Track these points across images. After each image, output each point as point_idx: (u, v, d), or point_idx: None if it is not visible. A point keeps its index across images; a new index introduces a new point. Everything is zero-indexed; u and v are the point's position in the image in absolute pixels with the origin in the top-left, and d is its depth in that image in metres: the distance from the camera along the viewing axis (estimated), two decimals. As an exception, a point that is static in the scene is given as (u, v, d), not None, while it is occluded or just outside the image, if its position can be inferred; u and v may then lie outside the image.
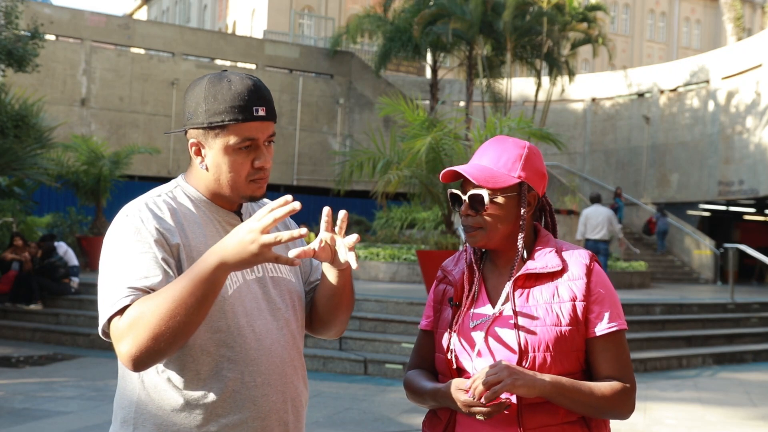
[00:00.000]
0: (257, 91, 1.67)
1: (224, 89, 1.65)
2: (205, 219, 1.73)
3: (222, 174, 1.70)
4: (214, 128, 1.66)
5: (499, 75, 23.89)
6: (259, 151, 1.69)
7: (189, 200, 1.74)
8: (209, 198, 1.75)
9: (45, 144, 13.66)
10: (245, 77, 1.68)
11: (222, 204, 1.76)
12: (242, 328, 1.69)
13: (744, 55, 22.33)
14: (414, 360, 2.02)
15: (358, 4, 37.17)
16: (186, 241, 1.66)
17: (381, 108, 12.63)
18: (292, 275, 1.86)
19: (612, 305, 1.82)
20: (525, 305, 1.80)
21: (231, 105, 1.64)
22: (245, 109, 1.64)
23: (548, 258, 1.84)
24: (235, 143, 1.66)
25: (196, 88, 1.69)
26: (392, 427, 6.33)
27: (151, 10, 52.57)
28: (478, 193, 1.82)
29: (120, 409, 1.72)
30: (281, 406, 1.74)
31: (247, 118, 1.65)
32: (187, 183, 1.77)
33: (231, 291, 1.68)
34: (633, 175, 25.58)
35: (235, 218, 1.77)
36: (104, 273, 1.62)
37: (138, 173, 21.52)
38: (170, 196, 1.74)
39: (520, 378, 1.69)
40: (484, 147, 1.91)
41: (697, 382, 8.90)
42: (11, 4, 12.99)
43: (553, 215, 1.99)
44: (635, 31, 50.09)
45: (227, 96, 1.64)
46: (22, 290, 11.03)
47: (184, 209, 1.72)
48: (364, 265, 14.75)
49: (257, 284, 1.76)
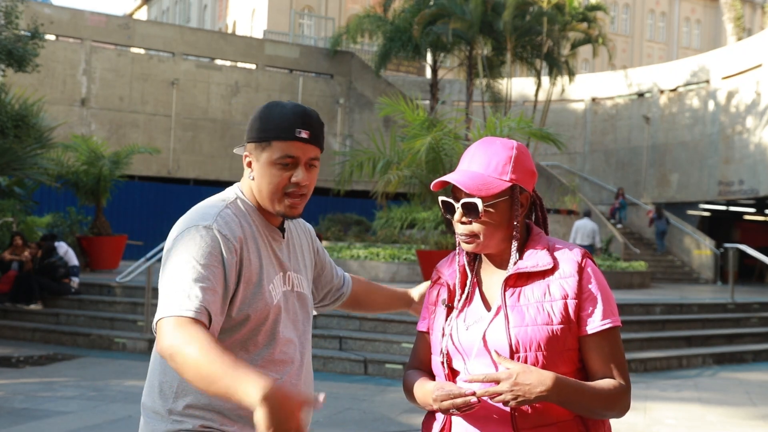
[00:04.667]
0: (304, 116, 1.88)
1: (276, 111, 1.89)
2: (257, 232, 1.93)
3: (263, 185, 1.90)
4: (262, 143, 1.88)
5: (499, 75, 23.89)
6: (297, 169, 1.88)
7: (246, 212, 1.93)
8: (260, 211, 1.96)
9: (45, 144, 13.65)
10: (298, 105, 1.91)
11: (269, 218, 1.97)
12: (277, 334, 1.92)
13: (744, 55, 22.33)
14: (412, 361, 2.02)
15: (358, 4, 37.16)
16: (248, 255, 1.87)
17: (381, 108, 12.63)
18: (308, 291, 2.08)
19: (605, 302, 1.80)
20: (516, 305, 1.79)
21: (278, 125, 1.87)
22: (289, 129, 1.86)
23: (539, 256, 1.83)
24: (277, 158, 1.87)
25: (257, 111, 1.92)
26: (392, 427, 6.33)
27: (151, 10, 52.56)
28: (471, 201, 1.80)
29: (158, 379, 1.90)
30: None
31: (290, 138, 1.86)
32: (243, 194, 1.97)
33: (275, 301, 1.90)
34: (633, 175, 25.58)
35: (278, 233, 1.99)
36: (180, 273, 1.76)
37: (138, 173, 21.52)
38: (234, 207, 1.92)
39: (520, 396, 1.68)
40: (473, 151, 1.88)
41: (697, 382, 8.90)
42: (11, 4, 12.98)
43: (544, 209, 1.97)
44: (635, 31, 50.09)
45: (277, 117, 1.88)
46: (22, 290, 11.03)
47: (244, 222, 1.90)
48: (364, 265, 14.75)
49: (289, 296, 1.98)
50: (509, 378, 1.68)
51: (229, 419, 1.84)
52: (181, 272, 1.75)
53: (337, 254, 15.54)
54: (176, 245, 1.81)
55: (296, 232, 2.11)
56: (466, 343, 1.83)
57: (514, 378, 1.68)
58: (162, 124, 23.28)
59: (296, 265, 2.03)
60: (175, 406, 1.85)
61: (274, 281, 1.91)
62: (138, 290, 10.88)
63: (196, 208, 1.90)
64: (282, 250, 1.98)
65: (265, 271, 1.89)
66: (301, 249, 2.10)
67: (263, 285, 1.87)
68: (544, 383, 1.69)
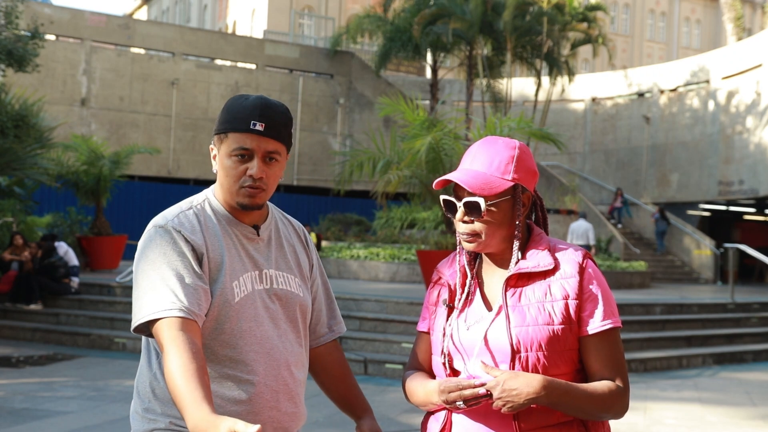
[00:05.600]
0: (263, 108, 1.85)
1: (237, 104, 1.87)
2: (223, 230, 1.91)
3: (223, 177, 1.90)
4: (220, 135, 1.88)
5: (499, 75, 23.89)
6: (253, 161, 1.85)
7: (213, 211, 1.92)
8: (229, 210, 1.93)
9: (45, 144, 13.66)
10: (262, 98, 1.88)
11: (241, 217, 1.94)
12: (244, 332, 1.86)
13: (744, 55, 22.33)
14: (411, 362, 2.02)
15: (358, 4, 37.16)
16: (206, 252, 1.85)
17: (381, 108, 12.63)
18: (299, 290, 2.01)
19: (605, 303, 1.80)
20: (517, 305, 1.79)
21: (235, 116, 1.85)
22: (245, 121, 1.84)
23: (540, 257, 1.83)
24: (232, 150, 1.86)
25: None
26: (392, 427, 6.33)
27: (151, 10, 52.55)
28: (474, 200, 1.80)
29: (137, 381, 1.94)
30: (273, 404, 1.88)
31: (245, 129, 1.84)
32: (214, 196, 1.96)
33: (237, 299, 1.85)
34: (633, 175, 25.58)
35: (251, 231, 1.95)
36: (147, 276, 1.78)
37: (138, 173, 21.52)
38: (197, 209, 1.91)
39: (509, 402, 1.69)
40: (475, 150, 1.88)
41: (697, 382, 8.90)
42: (11, 4, 12.98)
43: (544, 208, 1.97)
44: (635, 31, 50.08)
45: (236, 109, 1.86)
46: (22, 290, 11.03)
47: (207, 222, 1.89)
48: (364, 265, 14.75)
49: (263, 294, 1.92)
50: (497, 386, 1.70)
51: None
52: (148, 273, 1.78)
53: (337, 254, 15.55)
54: (140, 251, 1.83)
55: (284, 232, 2.05)
56: (467, 343, 1.83)
57: (501, 385, 1.69)
58: (162, 124, 23.28)
59: (281, 264, 1.98)
60: (150, 406, 1.87)
61: (241, 279, 1.87)
62: (138, 290, 10.86)
63: (158, 215, 1.90)
64: (260, 249, 1.94)
65: (229, 269, 1.85)
66: (293, 250, 2.05)
67: (225, 282, 1.83)
68: (532, 386, 1.69)
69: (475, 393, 1.71)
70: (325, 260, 15.47)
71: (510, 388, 1.69)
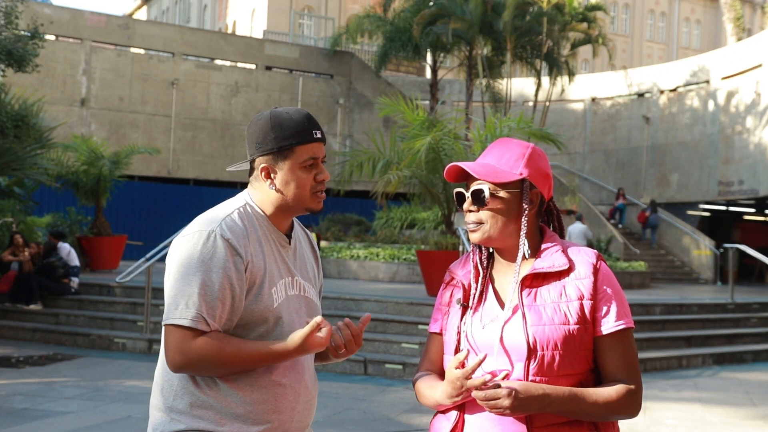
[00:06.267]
0: (312, 119, 2.00)
1: (287, 119, 1.97)
2: (264, 237, 1.99)
3: (291, 191, 1.98)
4: (283, 151, 1.96)
5: (499, 75, 23.88)
6: (319, 167, 2.00)
7: (254, 217, 2.00)
8: (270, 218, 2.02)
9: (45, 144, 13.65)
10: (299, 109, 2.01)
11: (278, 225, 2.03)
12: (277, 336, 1.96)
13: (744, 55, 22.33)
14: (423, 363, 2.02)
15: (358, 4, 37.16)
16: (251, 258, 1.93)
17: (381, 108, 12.62)
18: (316, 299, 2.14)
19: (619, 304, 1.84)
20: (533, 304, 1.81)
21: (296, 130, 1.96)
22: (308, 132, 1.97)
23: (555, 257, 1.85)
24: (303, 161, 1.96)
25: (260, 122, 1.98)
26: (392, 427, 6.33)
27: (151, 10, 52.54)
28: (479, 188, 1.85)
29: (160, 378, 1.98)
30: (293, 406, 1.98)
31: (310, 140, 1.97)
32: (254, 202, 2.03)
33: (276, 304, 1.95)
34: (633, 175, 25.58)
35: (285, 240, 2.05)
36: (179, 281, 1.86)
37: (138, 173, 21.52)
38: (241, 212, 1.98)
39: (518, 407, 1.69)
40: (489, 147, 1.95)
41: (697, 382, 8.90)
42: (11, 4, 12.98)
43: (561, 220, 1.99)
44: (635, 31, 50.09)
45: (291, 124, 1.96)
46: (22, 290, 11.03)
47: (250, 226, 1.97)
48: (364, 265, 14.75)
49: (295, 300, 2.03)
50: (507, 392, 1.70)
51: (226, 418, 1.89)
52: (183, 278, 1.86)
53: (337, 254, 15.54)
54: (180, 250, 1.90)
55: (301, 241, 2.15)
56: (483, 342, 1.84)
57: (513, 391, 1.70)
58: (162, 124, 23.28)
59: (304, 273, 2.09)
60: (174, 405, 1.91)
61: (278, 285, 1.97)
62: (138, 290, 10.87)
63: (204, 214, 1.97)
64: (289, 256, 2.05)
65: (269, 275, 1.94)
66: (309, 258, 2.16)
67: (264, 288, 1.92)
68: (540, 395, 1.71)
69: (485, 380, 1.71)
70: (325, 260, 15.47)
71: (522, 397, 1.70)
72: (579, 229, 17.18)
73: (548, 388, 1.73)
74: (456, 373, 1.75)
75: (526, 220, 1.85)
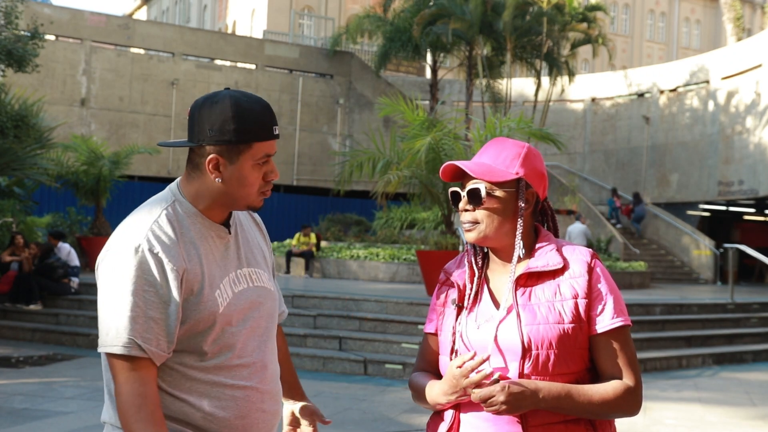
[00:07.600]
0: (271, 111, 1.83)
1: (249, 111, 1.77)
2: (198, 235, 1.82)
3: (238, 187, 1.81)
4: (239, 145, 1.77)
5: (499, 75, 23.89)
6: (271, 165, 1.84)
7: (186, 217, 1.82)
8: (203, 211, 1.84)
9: (45, 144, 13.66)
10: (259, 99, 1.82)
11: (214, 217, 1.86)
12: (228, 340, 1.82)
13: (744, 55, 22.33)
14: (419, 363, 2.03)
15: (358, 4, 37.16)
16: (185, 265, 1.76)
17: (381, 108, 12.62)
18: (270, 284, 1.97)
19: (614, 302, 1.82)
20: (527, 304, 1.81)
21: (257, 125, 1.78)
22: (268, 128, 1.80)
23: (549, 256, 1.85)
24: (258, 159, 1.80)
25: (217, 106, 1.77)
26: (392, 427, 6.33)
27: (151, 10, 52.55)
28: (475, 187, 1.85)
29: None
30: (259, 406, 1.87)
31: (270, 137, 1.81)
32: (183, 196, 1.84)
33: (221, 308, 1.80)
34: (633, 175, 25.58)
35: (224, 230, 1.87)
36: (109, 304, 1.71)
37: (138, 173, 21.53)
38: (169, 214, 1.80)
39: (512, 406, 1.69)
40: (484, 146, 1.94)
41: (697, 382, 8.90)
42: (11, 4, 12.98)
43: (555, 220, 1.99)
44: (635, 31, 50.09)
45: (253, 117, 1.77)
46: (22, 290, 11.03)
47: (183, 227, 1.80)
48: (364, 265, 14.76)
49: (245, 295, 1.87)
50: (501, 389, 1.70)
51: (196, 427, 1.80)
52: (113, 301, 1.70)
53: (337, 254, 15.54)
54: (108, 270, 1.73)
55: (246, 225, 1.99)
56: (477, 342, 1.83)
57: (508, 389, 1.69)
58: (162, 124, 23.28)
59: (251, 259, 1.93)
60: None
61: (222, 286, 1.81)
62: (138, 290, 10.86)
63: (128, 220, 1.79)
64: (230, 248, 1.88)
65: (208, 278, 1.79)
66: (257, 242, 2.00)
67: (204, 293, 1.77)
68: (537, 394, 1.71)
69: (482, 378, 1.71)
70: (325, 260, 15.47)
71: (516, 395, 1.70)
72: (579, 229, 17.27)
73: (541, 384, 1.73)
74: (455, 371, 1.75)
75: (522, 219, 1.85)
